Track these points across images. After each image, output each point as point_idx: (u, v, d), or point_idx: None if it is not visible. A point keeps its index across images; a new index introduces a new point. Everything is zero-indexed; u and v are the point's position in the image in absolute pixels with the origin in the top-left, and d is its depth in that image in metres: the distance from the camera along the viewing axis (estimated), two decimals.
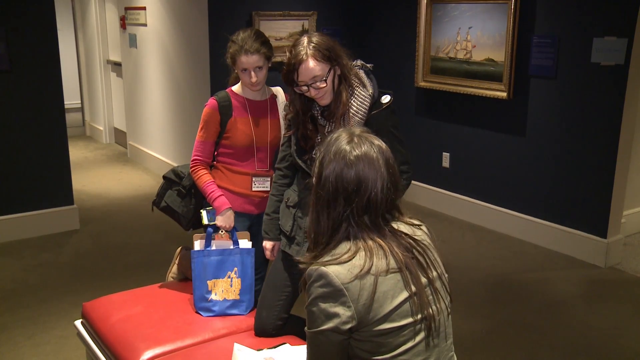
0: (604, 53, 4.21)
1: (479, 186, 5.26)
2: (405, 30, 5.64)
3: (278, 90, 2.86)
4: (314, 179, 1.59)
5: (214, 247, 2.63)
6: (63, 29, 7.98)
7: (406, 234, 1.56)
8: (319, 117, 2.34)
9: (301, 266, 1.54)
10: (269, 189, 2.80)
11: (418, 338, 1.52)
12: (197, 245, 2.65)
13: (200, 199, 2.77)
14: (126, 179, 6.61)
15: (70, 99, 8.26)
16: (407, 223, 1.62)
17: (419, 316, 1.50)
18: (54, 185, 4.90)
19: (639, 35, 4.07)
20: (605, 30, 4.20)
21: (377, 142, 1.57)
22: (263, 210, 2.81)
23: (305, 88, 2.24)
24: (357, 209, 1.51)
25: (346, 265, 1.46)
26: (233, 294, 2.62)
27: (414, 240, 1.56)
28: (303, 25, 5.85)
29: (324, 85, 2.23)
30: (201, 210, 2.70)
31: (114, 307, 2.65)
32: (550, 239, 4.74)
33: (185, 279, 2.90)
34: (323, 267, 1.46)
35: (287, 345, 2.32)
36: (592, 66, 4.30)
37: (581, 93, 4.41)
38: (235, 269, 2.63)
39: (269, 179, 2.79)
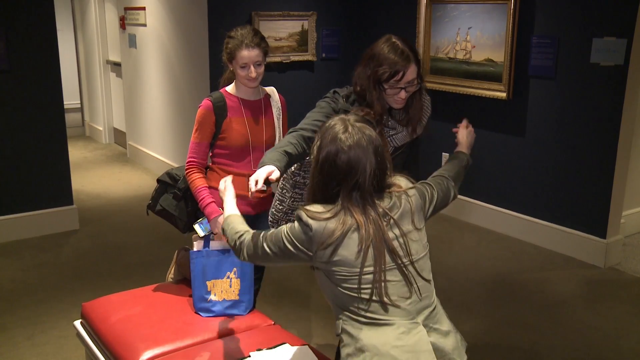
0: (604, 53, 4.21)
1: (479, 186, 5.26)
2: (404, 30, 5.63)
3: (272, 90, 2.85)
4: (312, 161, 1.85)
5: (213, 248, 2.62)
6: (63, 29, 7.98)
7: (383, 209, 1.80)
8: (390, 121, 2.32)
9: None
10: (265, 189, 2.79)
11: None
12: (196, 245, 2.65)
13: (196, 201, 2.76)
14: (125, 179, 6.61)
15: (70, 99, 8.25)
16: (395, 192, 1.85)
17: (370, 264, 1.75)
18: (54, 186, 4.90)
19: (638, 35, 4.08)
20: (604, 30, 4.20)
21: (368, 132, 1.81)
22: (260, 211, 2.81)
23: (396, 90, 2.19)
24: (347, 189, 1.77)
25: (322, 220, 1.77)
26: (232, 295, 2.62)
27: (387, 212, 1.80)
28: (303, 26, 5.86)
29: (414, 88, 2.21)
30: (194, 225, 2.69)
31: (114, 308, 2.65)
32: (550, 239, 4.74)
33: (184, 280, 2.90)
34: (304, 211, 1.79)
35: (287, 345, 2.32)
36: (592, 67, 4.30)
37: (581, 93, 4.42)
38: (235, 269, 2.62)
39: None
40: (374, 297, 1.75)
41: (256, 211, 2.80)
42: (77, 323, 2.77)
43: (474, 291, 4.07)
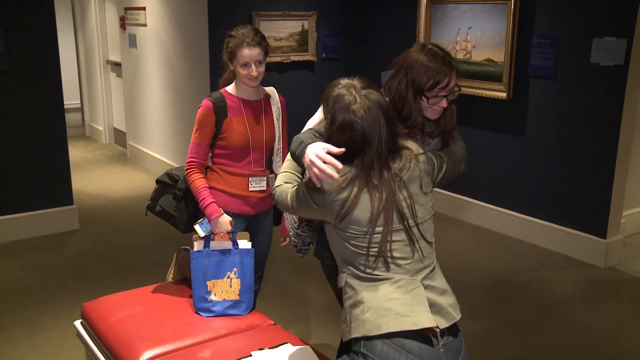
0: (604, 53, 4.21)
1: (479, 186, 5.26)
2: (404, 30, 5.64)
3: (272, 90, 2.85)
4: (324, 132, 1.92)
5: (213, 248, 2.63)
6: (63, 29, 7.98)
7: (394, 170, 1.86)
8: (418, 135, 2.26)
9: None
10: (265, 189, 2.79)
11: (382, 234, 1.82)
12: (197, 246, 2.65)
13: (197, 202, 2.76)
14: (126, 179, 6.61)
15: (70, 99, 8.25)
16: (406, 154, 1.91)
17: (380, 222, 1.81)
18: (54, 186, 4.90)
19: (638, 35, 4.08)
20: (604, 30, 4.20)
21: (375, 97, 1.86)
22: (260, 211, 2.81)
23: (438, 99, 2.13)
24: (366, 157, 1.82)
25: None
26: (232, 295, 2.62)
27: (397, 173, 1.86)
28: (303, 26, 5.86)
29: (455, 95, 2.15)
30: (194, 225, 2.69)
31: (114, 308, 2.65)
32: (550, 239, 4.74)
33: (184, 280, 2.90)
34: None
35: (289, 345, 2.32)
36: (592, 66, 4.30)
37: (581, 93, 4.42)
38: (235, 269, 2.62)
39: (265, 179, 2.79)
40: (379, 256, 1.84)
41: (256, 211, 2.80)
42: (77, 323, 2.77)
43: (474, 291, 4.07)
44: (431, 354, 1.78)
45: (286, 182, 2.02)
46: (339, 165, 1.79)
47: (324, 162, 1.79)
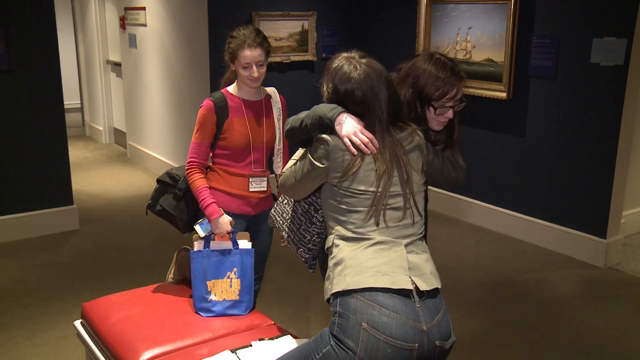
0: (604, 53, 4.21)
1: (478, 186, 5.26)
2: (404, 30, 5.64)
3: (273, 91, 2.85)
4: (326, 101, 2.00)
5: (213, 248, 2.63)
6: (63, 29, 7.98)
7: (396, 140, 1.94)
8: None
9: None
10: (265, 189, 2.79)
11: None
12: (197, 245, 2.65)
13: (197, 202, 2.76)
14: (126, 179, 6.61)
15: (70, 99, 8.25)
16: (410, 128, 1.99)
17: (379, 188, 1.89)
18: (54, 186, 4.90)
19: (638, 35, 4.08)
20: (605, 30, 4.20)
21: (375, 65, 1.96)
22: (260, 211, 2.81)
23: (445, 109, 2.12)
24: (367, 122, 1.91)
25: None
26: (232, 295, 2.62)
27: (400, 142, 1.95)
28: (303, 26, 5.86)
29: (462, 106, 2.15)
30: (194, 226, 2.69)
31: (114, 308, 2.65)
32: (549, 239, 4.75)
33: (184, 280, 2.90)
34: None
35: (289, 336, 2.33)
36: (592, 66, 4.31)
37: (581, 93, 4.42)
38: (235, 269, 2.62)
39: (265, 179, 2.79)
40: (372, 216, 1.90)
41: (256, 211, 2.80)
42: (77, 323, 2.77)
43: (474, 291, 4.07)
44: (406, 308, 1.80)
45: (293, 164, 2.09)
46: (377, 144, 1.91)
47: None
